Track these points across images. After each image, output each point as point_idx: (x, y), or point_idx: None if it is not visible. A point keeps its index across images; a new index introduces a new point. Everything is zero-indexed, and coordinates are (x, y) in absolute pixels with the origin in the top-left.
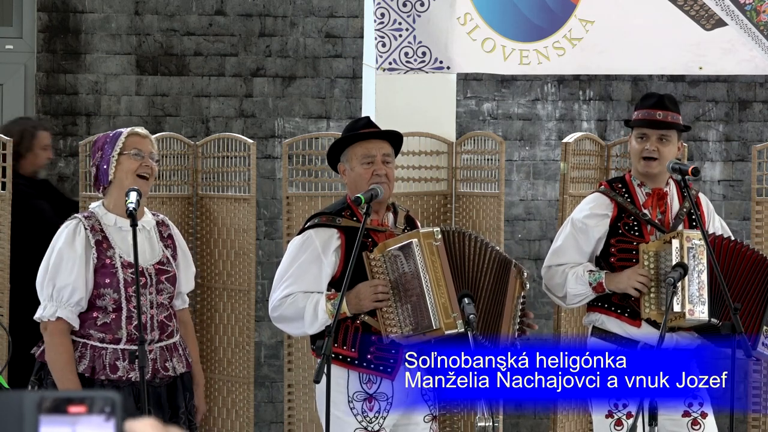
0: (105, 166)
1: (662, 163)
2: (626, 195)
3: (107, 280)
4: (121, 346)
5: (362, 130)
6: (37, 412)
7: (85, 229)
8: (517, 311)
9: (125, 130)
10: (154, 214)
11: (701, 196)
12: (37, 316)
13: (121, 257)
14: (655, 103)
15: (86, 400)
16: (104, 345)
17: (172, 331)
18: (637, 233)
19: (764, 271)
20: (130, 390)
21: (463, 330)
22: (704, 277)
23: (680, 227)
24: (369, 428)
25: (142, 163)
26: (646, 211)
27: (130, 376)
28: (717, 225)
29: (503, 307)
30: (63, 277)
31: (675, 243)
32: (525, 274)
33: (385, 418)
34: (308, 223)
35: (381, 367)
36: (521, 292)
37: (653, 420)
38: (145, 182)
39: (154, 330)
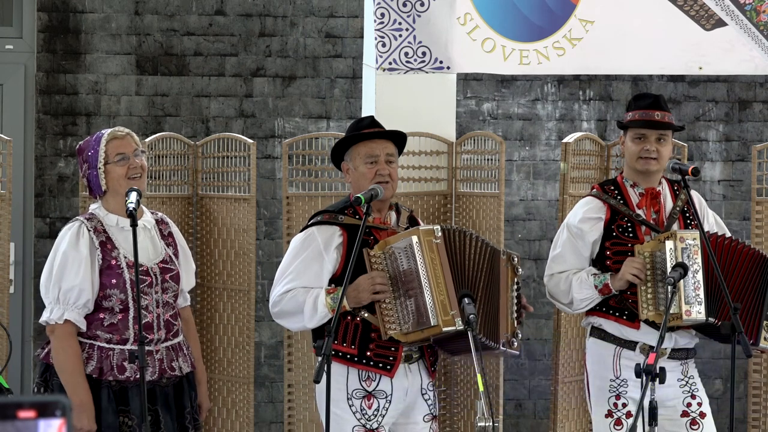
0: (96, 179)
1: (661, 163)
2: (619, 197)
3: (113, 281)
4: (128, 346)
5: (366, 129)
6: None
7: (89, 230)
8: (512, 301)
9: (103, 138)
10: (153, 213)
11: (693, 193)
12: (43, 319)
13: (126, 257)
14: (651, 103)
15: (36, 405)
16: (111, 346)
17: (177, 330)
18: (631, 235)
19: (761, 266)
20: (138, 390)
21: (462, 328)
22: (700, 276)
23: (675, 226)
24: (367, 426)
25: (129, 165)
26: (639, 212)
27: (137, 376)
28: (711, 221)
29: (498, 302)
30: (69, 280)
31: (669, 244)
32: (515, 259)
33: (384, 416)
34: (311, 221)
35: (380, 364)
36: (514, 278)
37: (653, 420)
38: (139, 181)
39: (160, 329)
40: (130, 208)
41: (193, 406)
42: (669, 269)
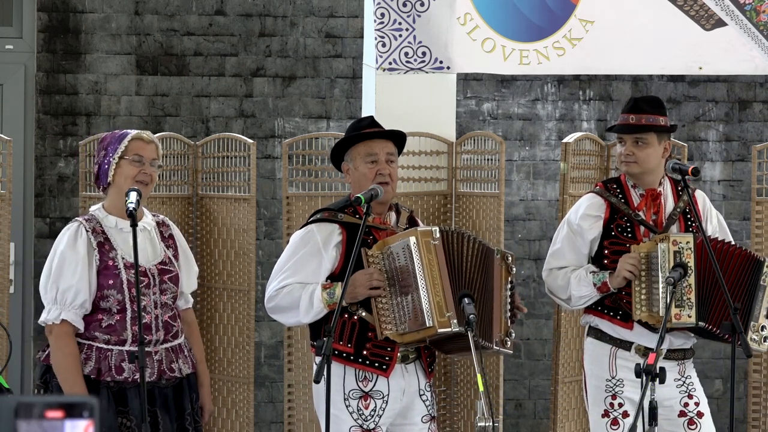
0: (106, 167)
1: (642, 165)
2: (620, 196)
3: (111, 282)
4: (127, 347)
5: (366, 129)
6: (14, 418)
7: (87, 231)
8: (506, 300)
9: (131, 133)
10: (154, 215)
11: (698, 193)
12: (41, 319)
13: (123, 258)
14: (630, 107)
15: (64, 405)
16: (109, 347)
17: (177, 332)
18: (629, 235)
19: (750, 267)
20: (137, 391)
21: (457, 329)
22: (692, 280)
23: (674, 228)
24: (364, 426)
25: (142, 170)
26: (640, 212)
27: (136, 377)
28: (714, 222)
29: (492, 301)
30: (66, 280)
31: (662, 246)
32: (510, 258)
33: (380, 417)
34: (311, 219)
35: (376, 364)
36: (508, 277)
37: (653, 420)
38: (143, 187)
39: (159, 330)
40: (130, 208)
41: (194, 408)
42: (660, 271)
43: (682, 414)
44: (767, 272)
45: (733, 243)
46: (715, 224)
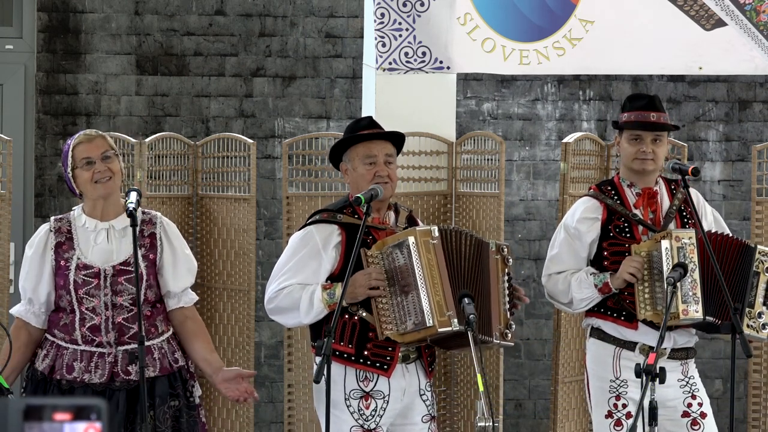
0: (69, 182)
1: (657, 163)
2: (615, 197)
3: (62, 282)
4: (81, 347)
5: (364, 130)
6: (22, 420)
7: (50, 231)
8: (504, 292)
9: (71, 143)
10: (144, 212)
11: (691, 190)
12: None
13: (78, 259)
14: (646, 104)
15: (72, 408)
16: (66, 344)
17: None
18: (628, 235)
19: (742, 254)
20: (83, 391)
21: (458, 328)
22: (696, 275)
23: (671, 226)
24: (365, 426)
25: (95, 170)
26: (636, 212)
27: (84, 377)
28: (710, 219)
29: (489, 294)
30: (21, 278)
31: (665, 243)
32: (505, 249)
33: (381, 417)
34: (309, 220)
35: (378, 364)
36: (505, 269)
37: (653, 420)
38: (106, 185)
39: (109, 332)
40: (130, 208)
41: (157, 414)
42: (665, 268)
43: (685, 414)
44: (759, 258)
45: (731, 235)
46: (711, 220)
